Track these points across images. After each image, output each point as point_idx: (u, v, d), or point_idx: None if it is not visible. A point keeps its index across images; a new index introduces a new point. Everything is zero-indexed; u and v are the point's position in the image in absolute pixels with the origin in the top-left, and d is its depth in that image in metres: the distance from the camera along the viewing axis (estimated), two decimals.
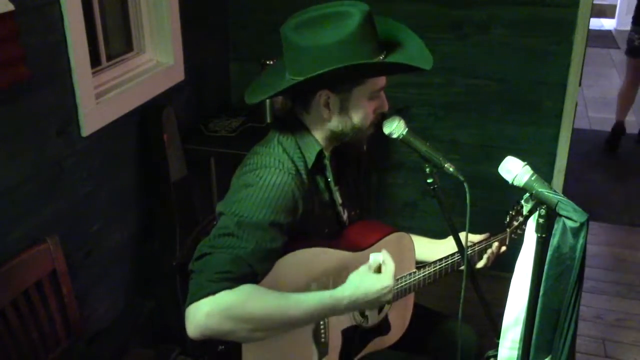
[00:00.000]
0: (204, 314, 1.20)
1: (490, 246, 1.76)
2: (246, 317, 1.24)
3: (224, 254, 1.26)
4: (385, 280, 1.37)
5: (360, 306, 1.39)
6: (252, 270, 1.27)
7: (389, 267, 1.40)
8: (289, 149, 1.43)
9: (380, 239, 1.59)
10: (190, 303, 1.22)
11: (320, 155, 1.47)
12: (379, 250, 1.58)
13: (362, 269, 1.39)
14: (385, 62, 1.38)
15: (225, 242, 1.28)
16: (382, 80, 1.45)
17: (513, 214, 1.80)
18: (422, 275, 1.65)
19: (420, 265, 1.69)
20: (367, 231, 1.62)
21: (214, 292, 1.21)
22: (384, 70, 1.43)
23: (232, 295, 1.22)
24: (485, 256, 1.75)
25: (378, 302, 1.40)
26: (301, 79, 1.35)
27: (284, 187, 1.36)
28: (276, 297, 1.28)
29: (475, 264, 1.75)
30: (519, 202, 1.78)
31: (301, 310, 1.30)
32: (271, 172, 1.37)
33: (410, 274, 1.64)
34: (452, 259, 1.69)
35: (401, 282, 1.63)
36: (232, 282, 1.23)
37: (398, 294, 1.64)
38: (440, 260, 1.68)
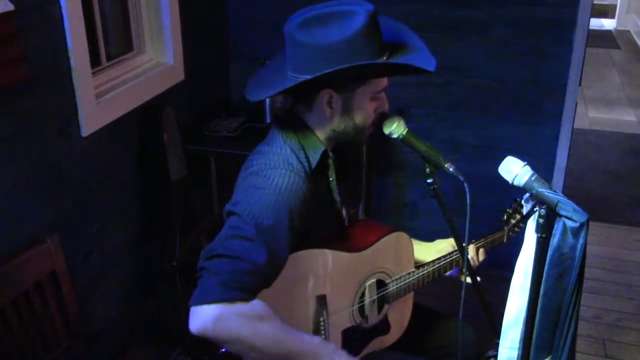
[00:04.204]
0: (213, 317, 1.20)
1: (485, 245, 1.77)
2: (251, 335, 1.24)
3: (243, 263, 1.24)
4: None
5: None
6: (267, 281, 1.28)
7: None
8: (295, 149, 1.42)
9: (379, 239, 1.59)
10: (201, 302, 1.21)
11: (324, 155, 1.47)
12: (378, 251, 1.58)
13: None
14: (393, 63, 1.37)
15: (243, 247, 1.26)
16: (384, 81, 1.44)
17: (510, 212, 1.80)
18: (420, 274, 1.65)
19: (419, 264, 1.69)
20: (366, 232, 1.62)
21: (229, 300, 1.21)
22: (389, 71, 1.43)
23: (246, 310, 1.22)
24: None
25: None
26: (308, 77, 1.34)
27: (296, 189, 1.35)
28: (282, 327, 1.29)
29: (462, 268, 1.75)
30: (516, 200, 1.80)
31: (297, 346, 1.31)
32: (282, 173, 1.36)
33: (409, 274, 1.64)
34: (450, 258, 1.69)
35: (400, 282, 1.63)
36: (248, 293, 1.23)
37: (398, 293, 1.64)
38: (439, 258, 1.69)
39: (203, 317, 1.20)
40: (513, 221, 1.80)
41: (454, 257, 1.70)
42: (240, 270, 1.23)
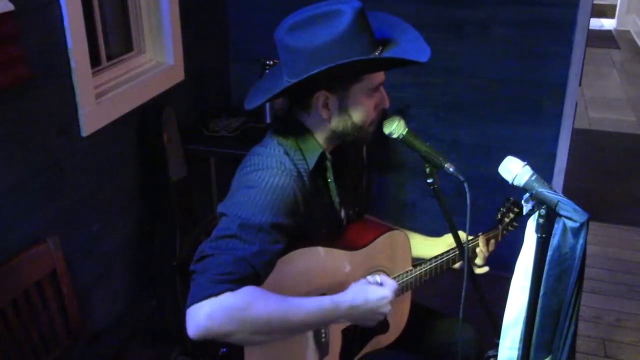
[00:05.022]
0: (205, 315, 1.19)
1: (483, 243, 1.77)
2: (247, 319, 1.23)
3: (227, 255, 1.25)
4: (385, 291, 1.41)
5: (359, 314, 1.39)
6: (255, 272, 1.27)
7: (389, 282, 1.44)
8: (289, 151, 1.43)
9: (376, 238, 1.59)
10: (191, 304, 1.21)
11: (322, 157, 1.47)
12: (374, 250, 1.59)
13: (362, 280, 1.42)
14: (378, 58, 1.37)
15: (228, 244, 1.27)
16: (379, 76, 1.44)
17: (504, 210, 1.81)
18: (418, 272, 1.65)
19: (417, 263, 1.69)
20: (363, 230, 1.63)
21: (215, 294, 1.20)
22: (379, 65, 1.42)
23: (234, 297, 1.21)
24: (479, 256, 1.75)
25: (376, 312, 1.40)
26: (294, 81, 1.35)
27: (285, 189, 1.35)
28: (278, 300, 1.28)
29: (470, 260, 1.76)
30: (509, 199, 1.81)
31: (302, 314, 1.30)
32: (272, 173, 1.36)
33: (406, 272, 1.65)
34: (447, 256, 1.69)
35: (398, 280, 1.63)
36: (235, 283, 1.22)
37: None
38: (436, 257, 1.69)
39: (196, 318, 1.20)
40: (507, 220, 1.81)
41: (451, 255, 1.70)
42: (225, 263, 1.23)
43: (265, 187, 1.34)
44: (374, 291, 1.40)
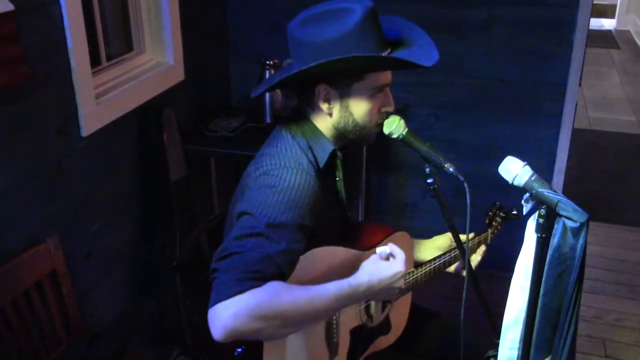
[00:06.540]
0: (231, 315, 1.17)
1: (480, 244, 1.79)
2: (275, 314, 1.21)
3: (254, 253, 1.24)
4: (397, 266, 1.38)
5: (375, 293, 1.37)
6: (280, 271, 1.26)
7: (399, 255, 1.40)
8: (304, 149, 1.43)
9: (385, 238, 1.60)
10: (216, 303, 1.18)
11: (333, 154, 1.47)
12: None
13: (373, 257, 1.40)
14: (378, 56, 1.37)
15: (255, 242, 1.25)
16: (383, 77, 1.44)
17: (491, 214, 1.84)
18: (422, 272, 1.66)
19: (417, 264, 1.70)
20: (371, 231, 1.64)
21: (242, 291, 1.18)
22: (382, 65, 1.42)
23: (260, 294, 1.20)
24: (473, 260, 1.77)
25: (391, 289, 1.39)
26: (295, 71, 1.36)
27: (307, 189, 1.35)
28: (301, 290, 1.26)
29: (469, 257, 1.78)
30: (495, 204, 1.84)
31: (324, 300, 1.28)
32: (293, 172, 1.36)
33: (409, 273, 1.65)
34: (443, 258, 1.71)
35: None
36: (261, 281, 1.21)
37: (399, 293, 1.64)
38: (436, 258, 1.70)
39: (221, 319, 1.17)
40: (495, 224, 1.83)
41: (448, 257, 1.72)
42: (252, 260, 1.22)
43: (288, 187, 1.33)
44: (387, 268, 1.37)
